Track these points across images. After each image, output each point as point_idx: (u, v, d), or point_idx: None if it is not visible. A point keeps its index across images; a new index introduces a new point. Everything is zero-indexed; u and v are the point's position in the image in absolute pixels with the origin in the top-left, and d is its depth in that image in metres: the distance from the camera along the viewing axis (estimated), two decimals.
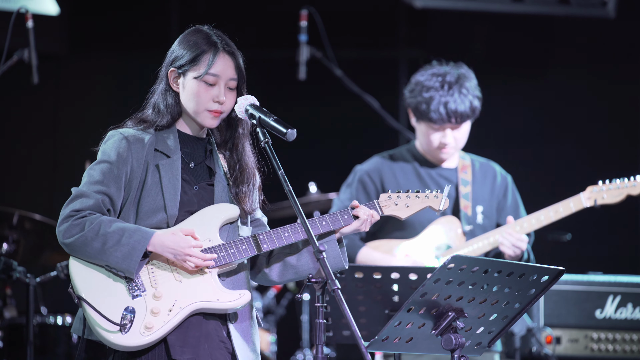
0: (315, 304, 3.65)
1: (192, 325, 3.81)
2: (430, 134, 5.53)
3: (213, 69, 3.89)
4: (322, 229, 3.92)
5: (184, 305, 3.78)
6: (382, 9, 8.80)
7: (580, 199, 5.44)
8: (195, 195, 3.91)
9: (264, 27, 8.64)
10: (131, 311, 3.74)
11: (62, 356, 6.31)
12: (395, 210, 4.03)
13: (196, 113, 3.91)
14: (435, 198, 4.05)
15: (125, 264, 3.73)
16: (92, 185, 3.81)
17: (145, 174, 3.85)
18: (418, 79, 5.59)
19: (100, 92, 8.83)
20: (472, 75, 5.59)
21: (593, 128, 8.46)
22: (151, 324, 3.74)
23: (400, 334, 3.75)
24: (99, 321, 3.74)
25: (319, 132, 8.44)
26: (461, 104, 5.47)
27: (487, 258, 4.83)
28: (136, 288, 3.77)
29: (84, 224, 3.75)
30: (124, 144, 3.85)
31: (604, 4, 7.77)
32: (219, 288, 3.82)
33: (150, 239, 3.75)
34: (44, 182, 8.68)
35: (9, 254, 6.17)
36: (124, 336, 3.72)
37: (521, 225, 5.43)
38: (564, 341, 6.01)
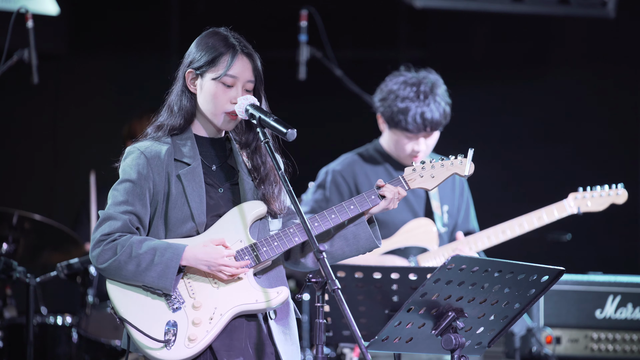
0: (315, 304, 3.65)
1: (235, 328, 3.83)
2: (404, 142, 5.55)
3: (231, 70, 3.89)
4: (351, 213, 3.93)
5: (224, 311, 3.80)
6: (382, 9, 8.79)
7: (564, 206, 5.44)
8: (221, 198, 3.91)
9: (264, 27, 8.64)
10: (173, 325, 3.76)
11: (62, 356, 6.32)
12: (422, 183, 4.00)
13: (213, 115, 3.91)
14: (460, 164, 3.99)
15: (161, 282, 3.75)
16: (118, 207, 3.82)
17: (168, 185, 3.86)
18: (391, 88, 5.58)
19: (100, 92, 8.83)
20: (442, 81, 5.61)
21: (593, 128, 8.46)
22: (194, 335, 3.75)
23: (400, 334, 3.75)
24: (143, 340, 3.75)
25: (318, 132, 8.44)
26: (436, 112, 5.49)
27: (487, 258, 4.83)
28: (175, 301, 3.79)
29: (116, 247, 3.77)
30: (142, 160, 3.85)
31: (604, 4, 7.76)
32: (257, 288, 3.83)
33: (183, 254, 3.77)
34: (44, 183, 8.68)
35: (9, 254, 6.17)
36: (170, 351, 3.74)
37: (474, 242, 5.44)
38: (564, 341, 6.01)
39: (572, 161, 8.41)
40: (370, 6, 8.79)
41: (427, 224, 5.52)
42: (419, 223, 5.53)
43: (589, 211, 5.44)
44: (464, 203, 5.67)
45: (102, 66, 8.81)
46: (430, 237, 5.51)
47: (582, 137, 8.45)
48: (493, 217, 5.89)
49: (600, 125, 8.46)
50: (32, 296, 5.74)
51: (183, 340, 3.75)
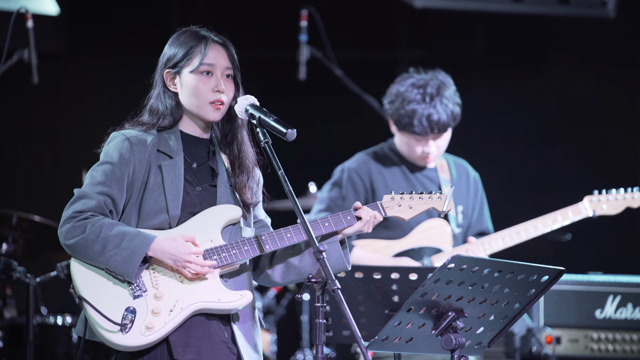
0: (315, 304, 3.65)
1: (195, 325, 3.81)
2: (413, 144, 5.54)
3: (206, 58, 3.90)
4: (325, 230, 3.93)
5: (185, 305, 3.78)
6: (382, 9, 8.79)
7: (579, 208, 5.43)
8: (197, 196, 3.91)
9: (264, 27, 8.64)
10: (132, 311, 3.74)
11: (62, 356, 6.31)
12: (399, 212, 4.03)
13: (199, 108, 3.91)
14: (439, 199, 4.04)
15: (124, 268, 3.74)
16: (95, 187, 3.81)
17: (147, 175, 3.86)
18: (398, 90, 5.57)
19: (100, 92, 8.83)
20: (450, 81, 5.59)
21: (592, 128, 8.46)
22: (152, 324, 3.74)
23: (400, 334, 3.75)
24: (100, 321, 3.74)
25: (319, 132, 8.44)
26: (443, 114, 5.48)
27: (487, 258, 4.83)
28: (137, 288, 3.77)
29: (86, 226, 3.75)
30: (126, 145, 3.85)
31: (604, 4, 7.77)
32: (221, 288, 3.83)
33: (151, 244, 3.76)
34: (44, 183, 8.68)
35: (9, 254, 6.17)
36: (125, 336, 3.73)
37: (488, 244, 5.44)
38: (564, 341, 6.01)
39: (572, 161, 8.42)
40: (370, 6, 8.79)
41: (441, 224, 5.51)
42: (433, 223, 5.52)
43: (604, 214, 5.44)
44: (477, 203, 5.65)
45: (102, 66, 8.82)
46: (445, 237, 5.50)
47: (581, 137, 8.45)
48: (492, 217, 5.89)
49: (600, 125, 8.46)
50: (32, 296, 5.74)
51: (140, 328, 3.73)
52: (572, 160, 8.42)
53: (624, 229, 8.22)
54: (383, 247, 5.46)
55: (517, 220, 5.59)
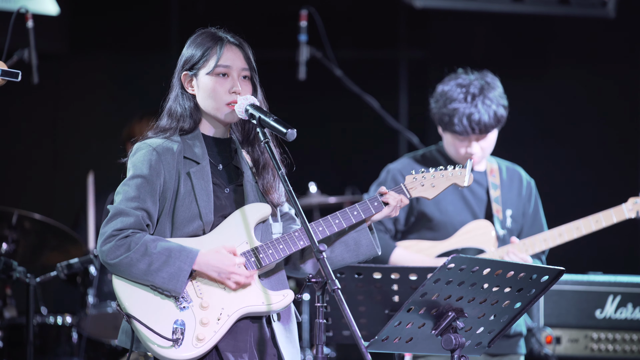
0: (315, 304, 3.65)
1: (240, 329, 3.84)
2: (457, 144, 5.50)
3: (222, 60, 3.90)
4: (355, 219, 3.95)
5: (231, 312, 3.80)
6: (382, 9, 8.79)
7: (622, 210, 5.43)
8: (227, 198, 3.91)
9: (264, 27, 8.64)
10: (181, 324, 3.75)
11: (62, 356, 6.32)
12: (422, 191, 4.03)
13: (216, 109, 3.91)
14: (460, 175, 4.03)
15: (172, 284, 3.74)
16: (129, 202, 3.80)
17: (177, 183, 3.85)
18: (443, 89, 5.54)
19: (100, 92, 8.83)
20: (498, 83, 5.56)
21: (592, 128, 8.46)
22: (202, 335, 3.75)
23: (400, 334, 3.75)
24: (152, 338, 3.74)
25: (319, 132, 8.44)
26: (485, 114, 5.43)
27: (487, 258, 4.83)
28: (183, 300, 3.78)
29: (129, 244, 3.75)
30: (154, 156, 3.84)
31: (604, 4, 7.77)
32: (263, 291, 3.84)
33: (196, 259, 3.76)
34: (43, 182, 8.68)
35: (9, 254, 6.17)
36: (178, 350, 3.74)
37: (530, 245, 5.42)
38: (564, 341, 6.01)
39: (572, 161, 8.41)
40: (370, 6, 8.79)
41: (486, 225, 5.48)
42: (478, 225, 5.49)
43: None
44: (531, 208, 5.61)
45: (102, 66, 8.82)
46: (488, 239, 5.47)
47: (582, 137, 8.45)
48: None
49: (600, 125, 8.46)
50: (32, 296, 5.74)
51: (191, 340, 3.74)
52: (572, 160, 8.41)
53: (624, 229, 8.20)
54: (427, 248, 5.44)
55: None
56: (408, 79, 8.82)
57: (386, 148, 8.45)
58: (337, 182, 8.16)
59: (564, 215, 5.72)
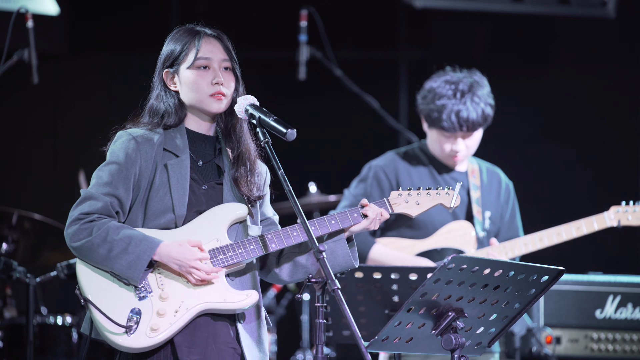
0: (315, 304, 3.65)
1: (200, 325, 3.81)
2: (442, 141, 5.50)
3: (201, 52, 3.90)
4: (331, 227, 3.92)
5: (190, 306, 3.78)
6: (382, 9, 8.79)
7: (604, 218, 5.43)
8: (203, 194, 3.90)
9: (264, 27, 8.64)
10: (137, 312, 3.74)
11: (62, 356, 6.31)
12: (406, 208, 4.02)
13: (200, 102, 3.90)
14: (447, 195, 4.03)
15: (129, 272, 3.73)
16: (101, 187, 3.81)
17: (153, 174, 3.85)
18: (431, 86, 5.55)
19: (100, 92, 8.83)
20: (485, 82, 5.58)
21: (592, 128, 8.46)
22: (157, 326, 3.74)
23: (400, 334, 3.75)
24: (105, 323, 3.74)
25: (319, 132, 8.44)
26: (473, 112, 5.45)
27: (487, 258, 4.83)
28: (143, 289, 3.77)
29: (92, 229, 3.75)
30: (132, 144, 3.85)
31: (604, 4, 7.77)
32: (226, 288, 3.82)
33: (157, 249, 3.75)
34: (44, 182, 8.68)
35: (9, 254, 6.17)
36: (130, 338, 3.73)
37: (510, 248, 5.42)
38: (564, 341, 6.01)
39: (572, 161, 8.42)
40: (370, 6, 8.79)
41: (466, 226, 5.49)
42: (459, 225, 5.50)
43: (629, 225, 5.45)
44: (508, 210, 5.62)
45: (102, 66, 8.82)
46: (468, 240, 5.48)
47: (581, 137, 8.45)
48: None
49: (600, 125, 8.46)
50: (32, 296, 5.74)
51: (145, 329, 3.73)
52: (572, 160, 8.41)
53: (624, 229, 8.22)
54: (406, 247, 5.45)
55: None
56: (408, 79, 8.82)
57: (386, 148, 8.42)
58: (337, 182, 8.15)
59: (563, 215, 5.72)
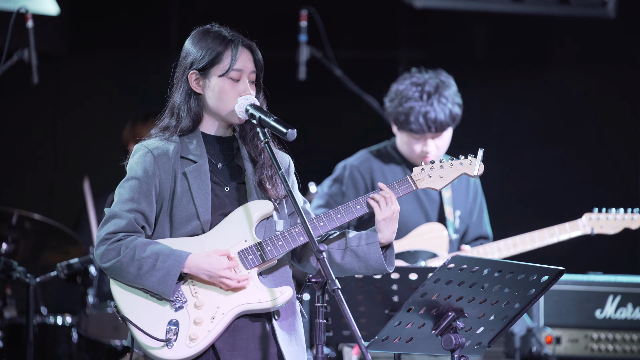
0: (315, 304, 3.65)
1: (239, 328, 3.83)
2: (412, 143, 5.53)
3: (237, 64, 3.88)
4: (338, 221, 3.91)
5: (226, 310, 3.79)
6: (382, 9, 8.79)
7: (577, 225, 5.44)
8: (227, 196, 3.90)
9: (264, 27, 8.64)
10: (175, 324, 3.75)
11: (62, 356, 6.32)
12: (430, 183, 3.98)
13: (225, 111, 3.90)
14: (470, 164, 3.98)
15: (161, 287, 3.75)
16: (123, 204, 3.81)
17: (174, 183, 3.85)
18: (397, 88, 5.56)
19: (100, 92, 8.83)
20: (452, 82, 5.58)
21: (592, 128, 8.46)
22: (195, 335, 3.75)
23: (400, 334, 3.75)
24: (145, 340, 3.75)
25: (318, 132, 8.44)
26: (440, 112, 5.46)
27: (487, 258, 4.83)
28: (178, 300, 3.78)
29: (120, 248, 3.76)
30: (149, 157, 3.84)
31: (604, 4, 7.76)
32: (260, 288, 3.82)
33: (185, 262, 3.76)
34: (43, 182, 8.68)
35: (9, 254, 6.17)
36: (171, 350, 3.74)
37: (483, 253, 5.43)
38: (564, 341, 6.01)
39: (572, 161, 8.41)
40: (370, 6, 8.79)
41: (439, 229, 5.50)
42: (431, 227, 5.51)
43: (602, 233, 5.45)
44: (477, 207, 5.64)
45: (102, 66, 8.81)
46: (441, 242, 5.48)
47: (581, 137, 8.45)
48: (491, 216, 5.89)
49: (600, 125, 8.46)
50: (32, 296, 5.74)
51: (184, 340, 3.74)
52: (571, 160, 8.41)
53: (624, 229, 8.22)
54: None
55: (516, 220, 5.60)
56: None
57: None
58: None
59: (563, 215, 5.72)
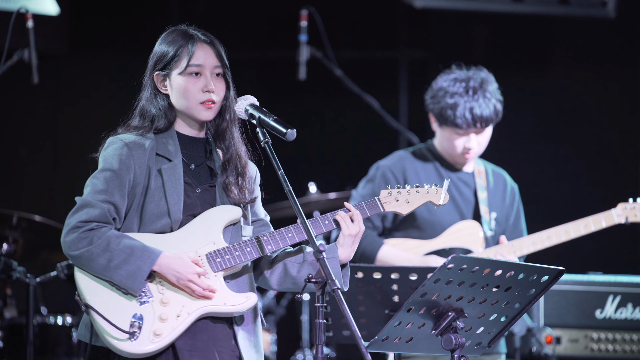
0: (315, 304, 3.65)
1: (200, 329, 3.81)
2: (455, 139, 5.50)
3: (194, 59, 3.88)
4: (325, 228, 3.91)
5: (191, 310, 3.78)
6: (382, 9, 8.80)
7: (612, 215, 5.43)
8: (198, 198, 3.89)
9: (264, 27, 8.64)
10: (139, 318, 3.74)
11: (62, 356, 6.32)
12: (396, 207, 4.03)
13: (189, 108, 3.89)
14: (435, 193, 4.04)
15: (129, 282, 3.73)
16: (97, 194, 3.80)
17: (148, 179, 3.84)
18: (441, 85, 5.54)
19: (100, 92, 8.83)
20: (493, 78, 5.59)
21: (592, 128, 8.46)
22: (160, 331, 3.74)
23: (400, 334, 3.75)
24: (108, 329, 3.73)
25: (319, 132, 8.44)
26: (486, 108, 5.46)
27: (487, 258, 4.83)
28: (143, 294, 3.77)
29: (92, 238, 3.74)
30: (125, 150, 3.84)
31: (604, 4, 7.77)
32: (226, 292, 3.82)
33: (157, 260, 3.75)
34: (44, 183, 8.68)
35: (9, 254, 6.17)
36: (133, 343, 3.72)
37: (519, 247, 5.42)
38: (564, 341, 6.01)
39: (572, 161, 8.42)
40: (370, 6, 8.79)
41: (474, 226, 5.49)
42: (466, 225, 5.50)
43: (637, 222, 5.45)
44: (513, 213, 5.63)
45: (102, 66, 8.82)
46: (476, 239, 5.47)
47: (581, 137, 8.45)
48: None
49: (600, 125, 8.46)
50: (32, 296, 5.74)
51: (148, 334, 3.72)
52: (572, 160, 8.41)
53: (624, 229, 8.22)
54: (414, 247, 5.44)
55: None
56: (408, 79, 8.82)
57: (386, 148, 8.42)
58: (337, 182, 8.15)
59: (564, 214, 5.72)
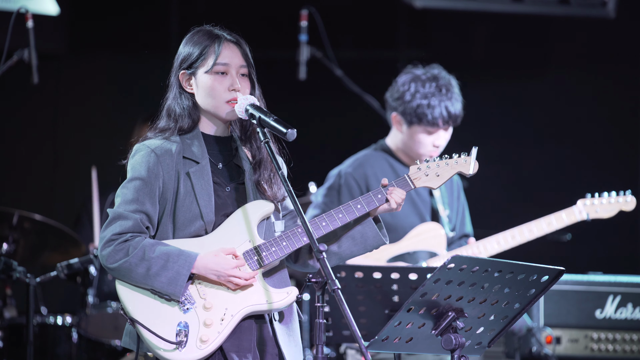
0: (315, 304, 3.65)
1: (244, 329, 3.83)
2: (425, 137, 5.51)
3: (220, 58, 3.89)
4: (358, 212, 3.92)
5: (235, 312, 3.79)
6: (382, 9, 8.80)
7: (573, 211, 5.45)
8: (228, 196, 3.90)
9: (264, 27, 8.64)
10: (185, 326, 3.75)
11: (62, 356, 6.32)
12: (427, 181, 3.99)
13: (215, 107, 3.90)
14: (465, 163, 3.99)
15: (170, 288, 3.74)
16: (128, 205, 3.79)
17: (177, 184, 3.84)
18: (408, 85, 5.55)
19: (100, 92, 8.83)
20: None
21: (592, 129, 8.46)
22: (206, 337, 3.75)
23: (400, 334, 3.75)
24: (155, 342, 3.73)
25: (319, 132, 8.44)
26: (458, 105, 5.51)
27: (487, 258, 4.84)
28: (186, 302, 3.77)
29: (128, 249, 3.74)
30: (152, 157, 3.83)
31: (604, 4, 7.77)
32: (267, 289, 3.83)
33: (194, 262, 3.76)
34: (44, 182, 8.68)
35: (9, 254, 6.17)
36: (182, 352, 3.73)
37: (484, 248, 5.44)
38: (564, 341, 6.01)
39: (572, 161, 8.42)
40: (370, 6, 8.79)
41: (435, 227, 5.49)
42: (427, 227, 5.50)
43: (598, 217, 5.46)
44: (460, 207, 5.66)
45: (102, 66, 8.82)
46: (439, 241, 5.48)
47: (582, 137, 8.45)
48: (492, 217, 5.90)
49: (600, 125, 8.47)
50: (32, 296, 5.74)
51: (195, 341, 3.74)
52: (572, 160, 8.42)
53: (624, 229, 8.23)
54: (377, 252, 5.44)
55: (517, 219, 5.59)
56: None
57: None
58: None
59: None
